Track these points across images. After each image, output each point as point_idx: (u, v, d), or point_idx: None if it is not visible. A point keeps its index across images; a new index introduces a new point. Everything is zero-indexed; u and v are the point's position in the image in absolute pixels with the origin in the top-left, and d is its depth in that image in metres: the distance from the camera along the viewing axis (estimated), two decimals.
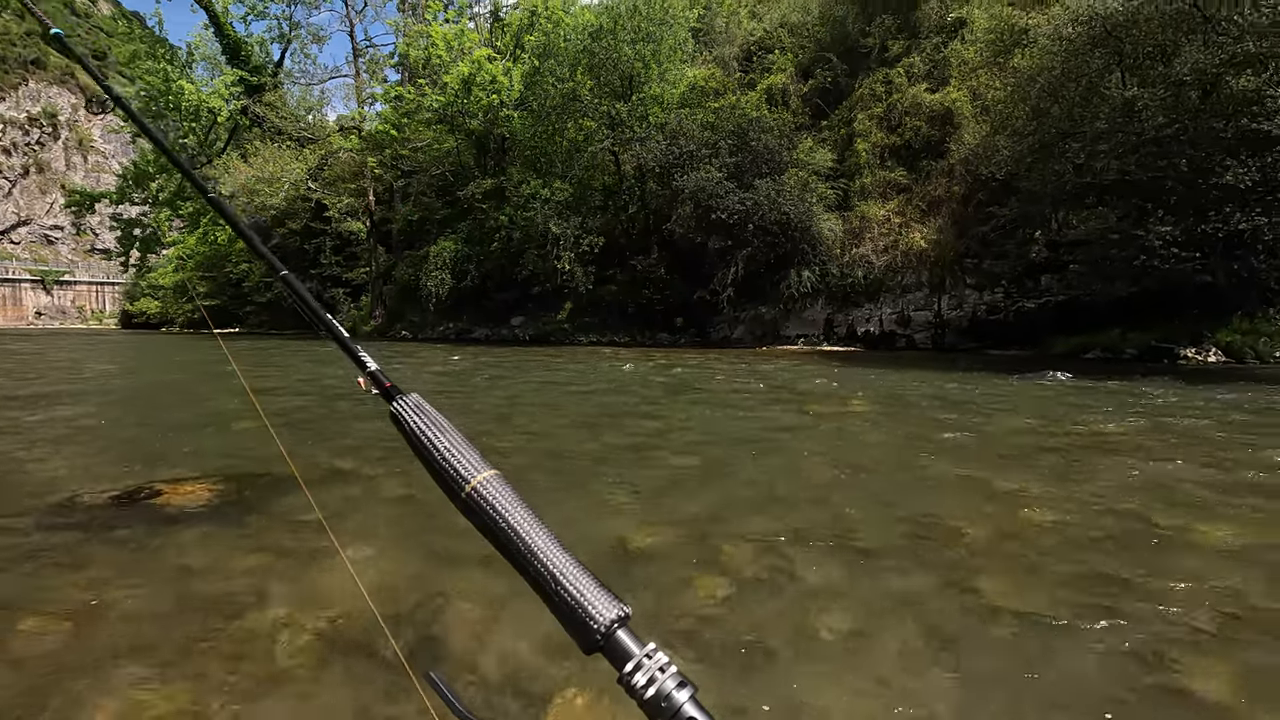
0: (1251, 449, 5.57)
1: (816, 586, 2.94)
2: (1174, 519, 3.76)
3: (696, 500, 4.22)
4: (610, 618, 0.41)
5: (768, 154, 21.68)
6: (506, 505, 0.45)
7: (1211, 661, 2.32)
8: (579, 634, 0.42)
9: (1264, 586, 2.90)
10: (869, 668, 2.27)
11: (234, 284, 42.61)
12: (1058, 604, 2.75)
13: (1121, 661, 2.32)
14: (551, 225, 24.13)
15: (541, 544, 0.43)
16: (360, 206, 34.49)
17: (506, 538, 0.43)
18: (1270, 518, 3.81)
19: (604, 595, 0.42)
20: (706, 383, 10.83)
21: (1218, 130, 12.41)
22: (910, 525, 3.70)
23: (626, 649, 0.41)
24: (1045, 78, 15.05)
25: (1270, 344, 14.32)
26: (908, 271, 20.44)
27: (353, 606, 2.65)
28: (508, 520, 0.44)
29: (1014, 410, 7.73)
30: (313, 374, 12.35)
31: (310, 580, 2.89)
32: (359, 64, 37.17)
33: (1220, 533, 3.55)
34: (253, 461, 4.98)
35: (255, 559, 3.09)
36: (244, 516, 3.67)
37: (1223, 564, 3.16)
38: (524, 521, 0.44)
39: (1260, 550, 3.34)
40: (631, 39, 23.87)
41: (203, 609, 2.60)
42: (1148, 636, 2.49)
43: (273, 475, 4.55)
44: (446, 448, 0.48)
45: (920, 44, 23.06)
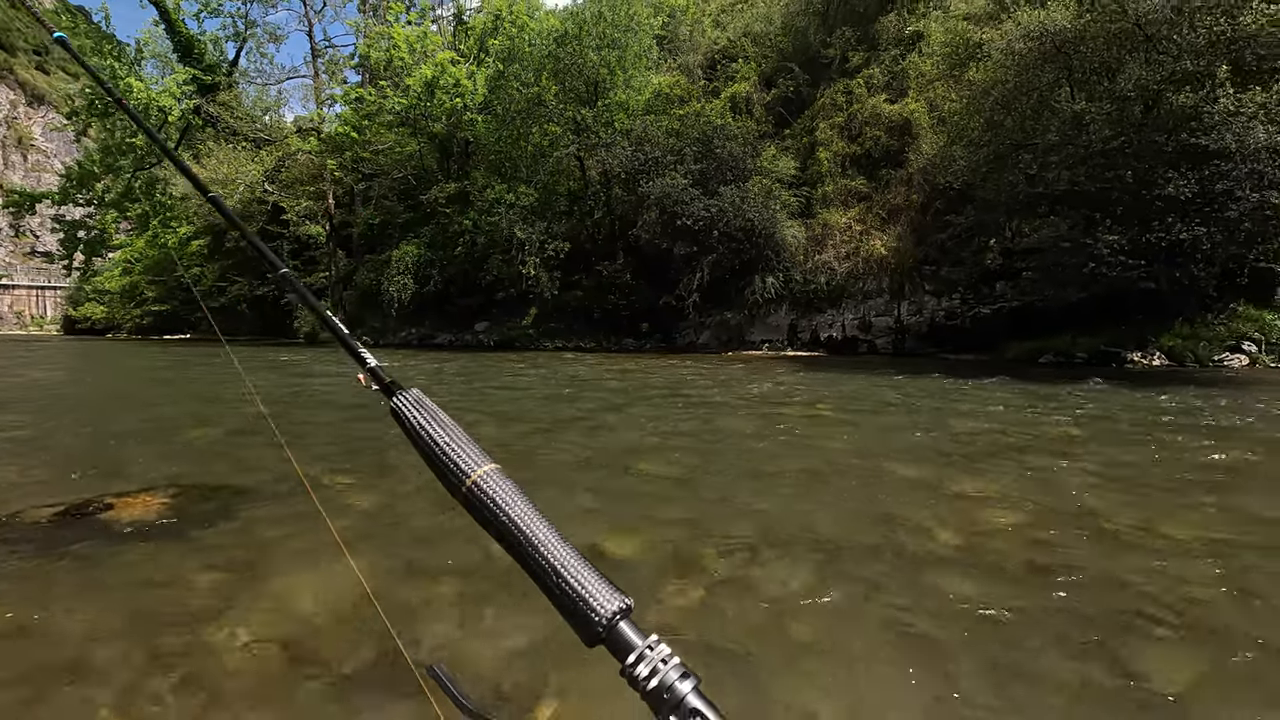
0: (1186, 448, 5.82)
1: (787, 589, 2.96)
2: (1124, 516, 3.90)
3: (666, 506, 4.21)
4: (612, 609, 0.41)
5: (732, 161, 21.92)
6: (507, 499, 0.45)
7: (1167, 652, 2.40)
8: (581, 626, 0.42)
9: (1212, 576, 3.02)
10: (839, 668, 2.28)
11: (184, 289, 41.24)
12: (1018, 599, 2.82)
13: (1081, 655, 2.38)
14: (516, 230, 23.96)
15: (542, 537, 0.44)
16: (319, 210, 33.72)
17: (507, 531, 0.44)
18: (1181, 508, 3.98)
19: (605, 587, 0.43)
20: (675, 388, 10.86)
21: (1159, 144, 12.99)
22: (876, 526, 3.76)
23: (629, 640, 0.41)
24: (999, 91, 15.55)
25: (1209, 348, 15.00)
26: (869, 278, 20.85)
27: (321, 619, 2.57)
28: (508, 514, 0.44)
29: (969, 413, 7.92)
30: (278, 381, 12.01)
31: (274, 594, 2.79)
32: (318, 64, 36.40)
33: (1165, 527, 3.68)
34: (207, 472, 4.81)
35: (214, 574, 2.97)
36: (201, 529, 3.53)
37: (1167, 556, 3.28)
38: (524, 515, 0.44)
39: (1187, 541, 3.48)
40: (597, 45, 23.91)
41: (160, 627, 2.48)
42: (1104, 629, 2.56)
43: (230, 485, 4.40)
44: (446, 442, 0.48)
45: (879, 56, 23.61)
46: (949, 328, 19.24)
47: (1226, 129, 11.84)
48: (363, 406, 8.19)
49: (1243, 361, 14.69)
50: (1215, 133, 11.97)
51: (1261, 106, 11.69)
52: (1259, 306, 15.39)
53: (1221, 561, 3.25)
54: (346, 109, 30.78)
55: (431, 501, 3.97)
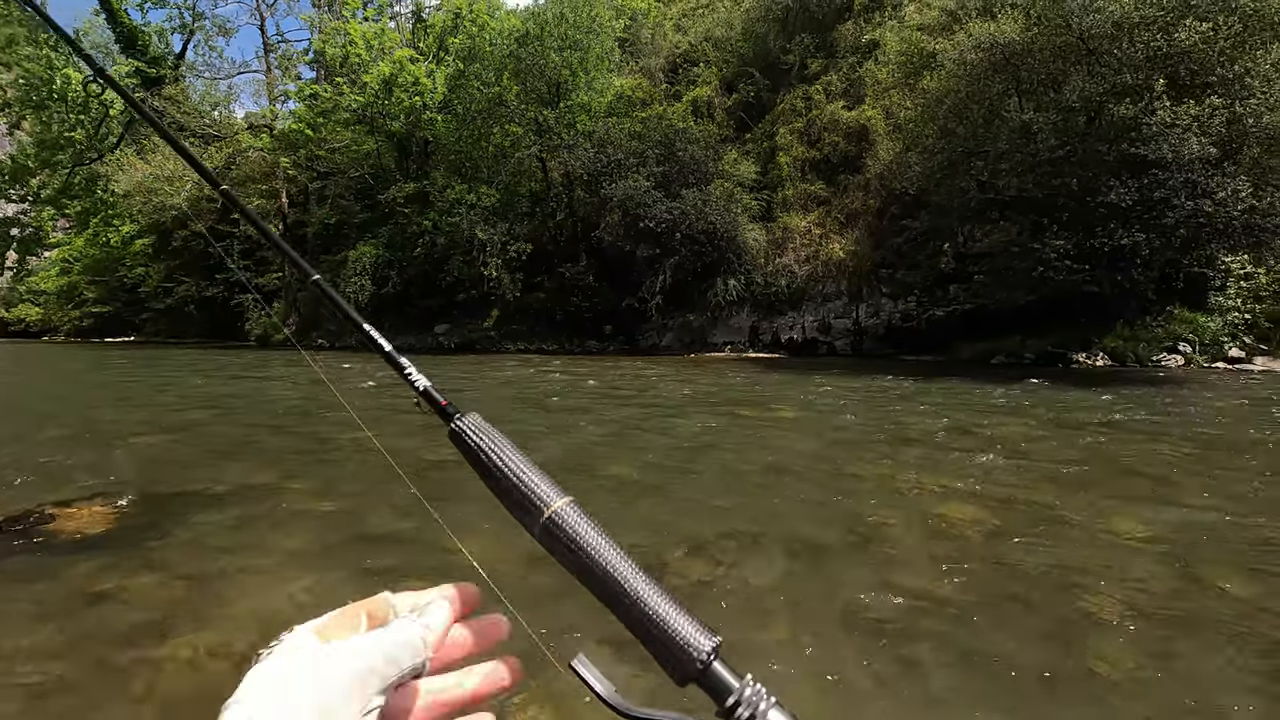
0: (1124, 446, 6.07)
1: (758, 585, 2.98)
2: (1079, 511, 4.04)
3: (635, 508, 4.21)
4: (708, 648, 0.40)
5: (694, 164, 22.06)
6: (588, 534, 0.43)
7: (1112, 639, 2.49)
8: (676, 665, 0.40)
9: (1162, 570, 3.15)
10: (811, 660, 2.31)
11: (128, 289, 39.59)
12: (977, 591, 2.90)
13: (1037, 643, 2.46)
14: (478, 231, 23.67)
15: (628, 573, 0.42)
16: (272, 208, 32.77)
17: (591, 567, 0.42)
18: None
19: (697, 625, 0.41)
20: (640, 391, 10.86)
21: (1102, 153, 13.54)
22: (839, 524, 3.82)
23: (725, 681, 0.39)
24: (951, 99, 16.01)
25: (1148, 349, 15.70)
26: (828, 281, 21.22)
27: (277, 629, 2.49)
28: (591, 549, 0.42)
29: (923, 413, 8.12)
30: (220, 388, 11.61)
31: (228, 605, 2.69)
32: (270, 60, 35.40)
33: (1112, 520, 3.84)
34: (154, 479, 4.61)
35: (165, 586, 2.85)
36: (149, 540, 3.38)
37: (1113, 547, 3.41)
38: (608, 550, 0.43)
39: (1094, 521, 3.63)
40: (559, 46, 23.80)
41: (106, 644, 2.37)
42: (1057, 618, 2.65)
43: (179, 493, 4.23)
44: (519, 472, 0.45)
45: (837, 63, 24.08)
46: (905, 329, 19.70)
47: (1163, 140, 12.41)
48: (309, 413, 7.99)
49: (1179, 361, 15.42)
50: (1153, 143, 12.52)
51: (1195, 119, 12.28)
52: (1193, 310, 16.19)
53: (1162, 550, 3.39)
54: (300, 106, 30.02)
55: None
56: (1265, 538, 3.57)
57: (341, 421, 7.34)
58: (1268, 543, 3.50)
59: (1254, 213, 12.30)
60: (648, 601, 0.41)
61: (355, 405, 8.44)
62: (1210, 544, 3.49)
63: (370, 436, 5.87)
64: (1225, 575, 3.07)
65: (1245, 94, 12.40)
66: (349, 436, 6.36)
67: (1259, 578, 3.05)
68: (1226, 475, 4.93)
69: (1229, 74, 12.58)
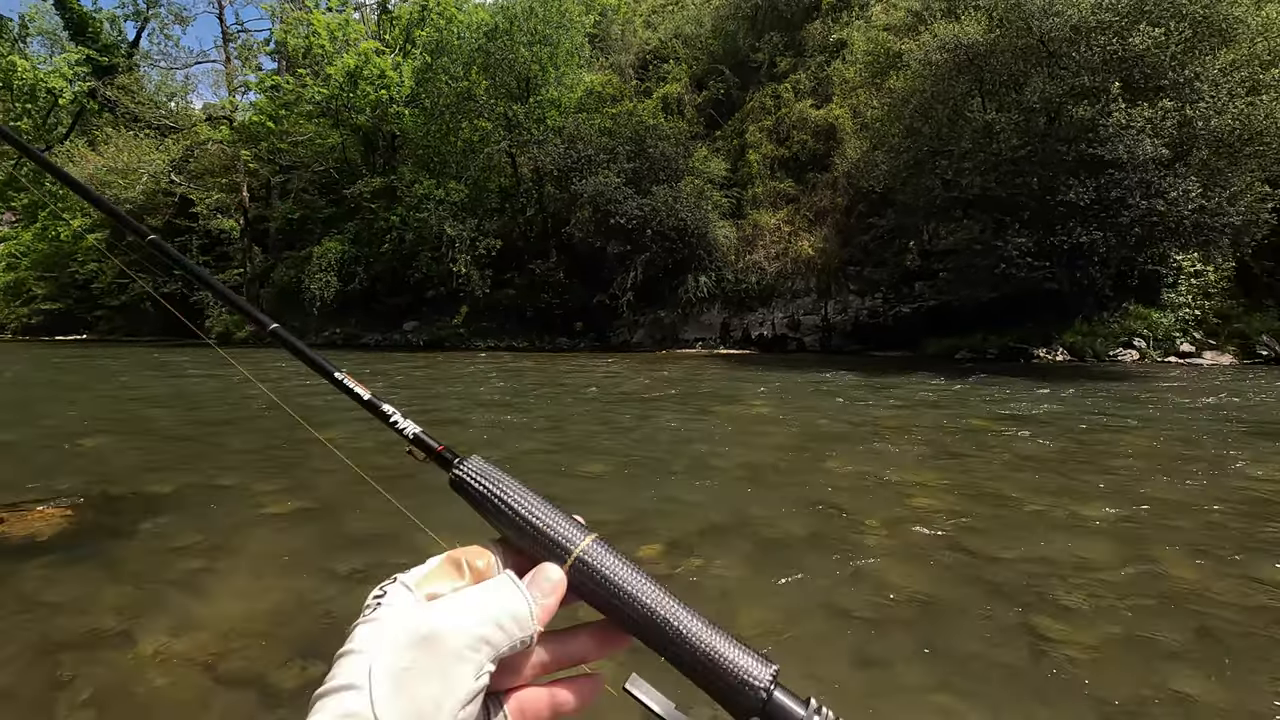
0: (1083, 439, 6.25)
1: (733, 578, 3.00)
2: (1040, 501, 4.15)
3: (609, 504, 4.20)
4: (768, 677, 0.37)
5: (664, 161, 22.07)
6: (620, 570, 0.40)
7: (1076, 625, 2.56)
8: (735, 700, 0.37)
9: (1115, 550, 3.25)
10: (786, 651, 2.33)
11: (80, 285, 38.18)
12: (943, 582, 2.95)
13: (1001, 630, 2.52)
14: (446, 227, 23.36)
15: (671, 608, 0.39)
16: (232, 203, 31.91)
17: (627, 607, 0.39)
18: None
19: (752, 654, 0.38)
20: (614, 387, 10.85)
21: (1061, 153, 13.90)
22: (812, 516, 3.86)
23: (791, 712, 0.37)
24: (917, 99, 16.27)
25: (1105, 344, 16.20)
26: (797, 278, 21.44)
27: (241, 633, 2.42)
28: (626, 588, 0.39)
29: (892, 408, 8.27)
30: (177, 387, 11.29)
31: (187, 609, 2.61)
32: (229, 49, 34.45)
33: (1084, 509, 3.95)
34: (108, 482, 4.46)
35: (122, 591, 2.76)
36: (104, 543, 3.27)
37: (1072, 534, 3.51)
38: (644, 585, 0.39)
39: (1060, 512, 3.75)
40: (528, 40, 23.59)
41: (63, 650, 2.28)
42: (1021, 605, 2.72)
43: (134, 495, 4.10)
44: (535, 514, 0.42)
45: (806, 62, 24.30)
46: (873, 326, 20.01)
47: (1119, 141, 12.79)
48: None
49: (1134, 356, 15.94)
50: (1109, 144, 12.90)
51: (1148, 121, 12.68)
52: (1147, 306, 16.74)
53: (1117, 536, 3.50)
54: (262, 97, 29.26)
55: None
56: (1211, 522, 3.71)
57: (304, 421, 7.19)
58: (1213, 527, 3.63)
59: (1203, 212, 12.74)
60: (695, 636, 0.38)
61: (317, 403, 8.28)
62: (1161, 529, 3.62)
63: (323, 440, 5.77)
64: (1176, 559, 3.18)
65: (1195, 98, 12.83)
66: (312, 436, 6.24)
67: (1207, 561, 3.16)
68: (1176, 465, 5.10)
69: (1180, 78, 13.01)
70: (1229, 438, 6.14)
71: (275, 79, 28.66)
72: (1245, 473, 4.81)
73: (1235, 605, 2.72)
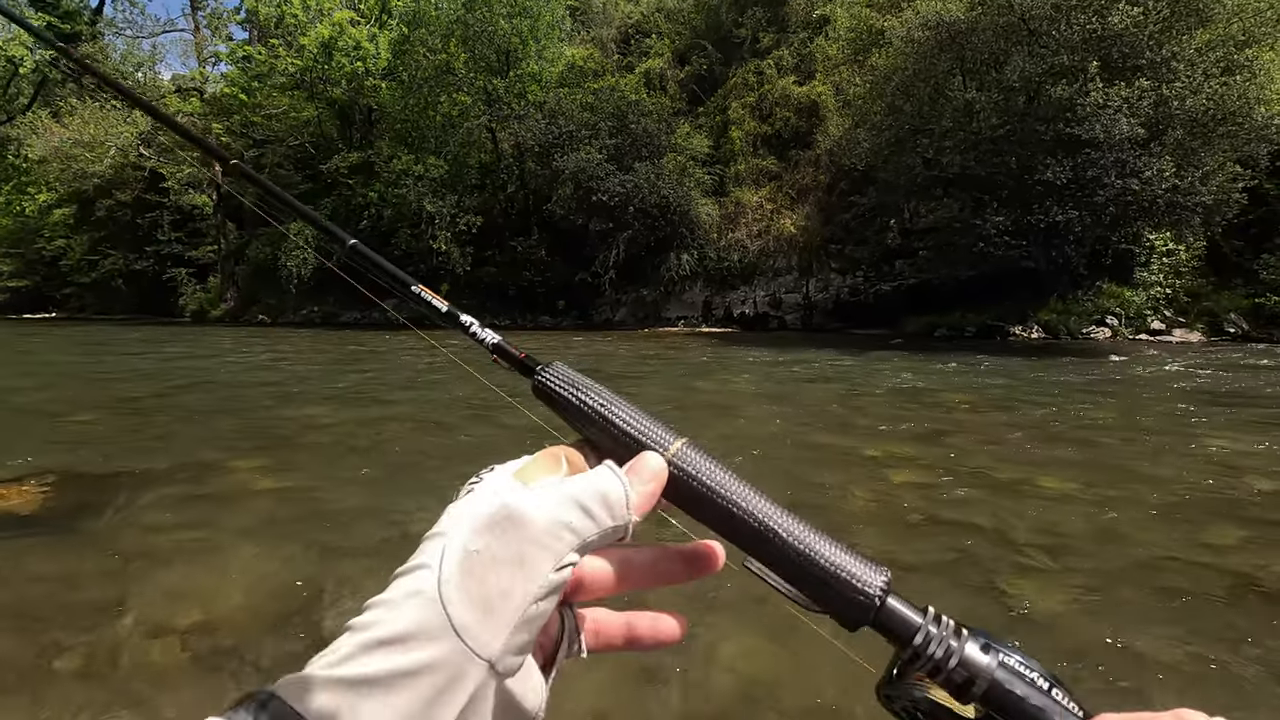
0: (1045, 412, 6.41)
1: None
2: (1013, 472, 4.27)
3: None
4: (880, 582, 0.34)
5: (647, 137, 21.90)
6: (716, 472, 0.37)
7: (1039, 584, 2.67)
8: (845, 607, 0.34)
9: (1081, 524, 3.37)
10: (765, 624, 2.41)
11: (48, 262, 37.18)
12: (929, 550, 3.05)
13: (971, 590, 2.62)
14: (426, 203, 23.05)
15: (772, 510, 0.36)
16: (205, 177, 31.14)
17: (727, 508, 0.36)
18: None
19: (863, 559, 0.35)
20: (600, 364, 10.87)
21: (1040, 133, 14.03)
22: (793, 489, 3.95)
23: (907, 619, 0.34)
24: (899, 77, 16.28)
25: (1079, 322, 16.50)
26: (779, 256, 21.51)
27: (223, 608, 2.45)
28: (724, 489, 0.36)
29: (869, 384, 8.40)
30: (155, 364, 11.12)
31: (173, 584, 2.63)
32: (198, 18, 33.40)
33: (1054, 480, 4.08)
34: (92, 459, 4.42)
35: (107, 566, 2.76)
36: (88, 519, 3.26)
37: (1039, 501, 3.64)
38: (741, 487, 0.37)
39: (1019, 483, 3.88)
40: (508, 12, 23.14)
41: (50, 624, 2.29)
42: (988, 570, 2.83)
43: (118, 472, 4.07)
44: (625, 417, 0.39)
45: (789, 38, 24.14)
46: (853, 304, 20.18)
47: (1096, 120, 12.93)
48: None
49: (1106, 334, 16.26)
50: (1086, 123, 13.04)
51: (1125, 100, 12.82)
52: (1120, 284, 17.04)
53: (1083, 505, 3.63)
54: (233, 69, 28.50)
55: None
56: (1171, 490, 3.85)
57: (284, 397, 7.14)
58: (1172, 494, 3.77)
59: (1176, 191, 12.97)
60: (800, 538, 0.36)
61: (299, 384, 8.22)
62: (1124, 498, 3.75)
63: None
64: (1137, 525, 3.31)
65: (1171, 77, 12.98)
66: (296, 413, 6.21)
67: (1167, 525, 3.29)
68: (1136, 435, 5.26)
69: (1157, 57, 13.14)
70: (1190, 411, 6.33)
71: (247, 49, 27.87)
72: (1204, 444, 4.98)
73: (1189, 566, 2.85)
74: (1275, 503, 3.66)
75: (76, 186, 31.23)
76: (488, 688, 0.29)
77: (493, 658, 0.29)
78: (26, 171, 31.80)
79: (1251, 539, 3.14)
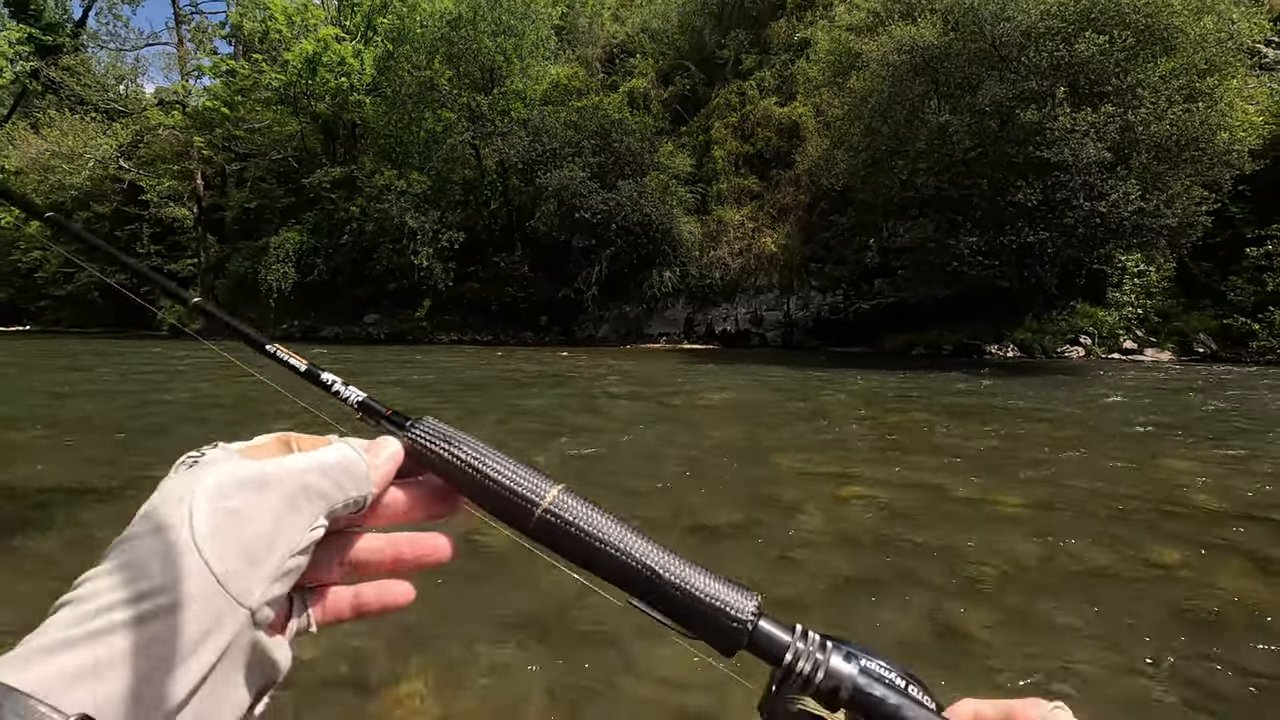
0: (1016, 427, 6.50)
1: None
2: (969, 490, 4.32)
3: None
4: (751, 608, 0.37)
5: (630, 156, 22.09)
6: (591, 517, 0.39)
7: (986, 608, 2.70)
8: (720, 635, 0.37)
9: (1037, 548, 3.41)
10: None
11: (23, 274, 36.63)
12: (874, 567, 3.08)
13: (918, 611, 2.64)
14: (408, 219, 23.03)
15: (646, 549, 0.39)
16: (185, 190, 30.94)
17: (601, 553, 0.38)
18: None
19: (733, 587, 0.38)
20: (571, 380, 10.87)
21: (1011, 155, 14.31)
22: (751, 506, 3.97)
23: (777, 639, 0.37)
24: (876, 99, 16.56)
25: (1053, 341, 16.76)
26: (760, 274, 21.69)
27: None
28: (598, 535, 0.39)
29: (841, 402, 8.47)
30: (121, 381, 10.97)
31: None
32: (182, 31, 33.35)
33: (1008, 498, 4.13)
34: (30, 474, 4.35)
35: (48, 587, 2.71)
36: (27, 537, 3.21)
37: (991, 521, 3.68)
38: (616, 529, 0.39)
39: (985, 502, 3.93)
40: (492, 31, 23.34)
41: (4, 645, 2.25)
42: (937, 591, 2.86)
43: (59, 488, 4.01)
44: (498, 470, 0.40)
45: (771, 59, 24.53)
46: (833, 322, 20.36)
47: (1064, 144, 13.22)
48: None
49: (1080, 353, 16.53)
50: (1055, 147, 13.32)
51: (1092, 125, 13.13)
52: (1093, 304, 17.36)
53: (1032, 523, 3.68)
54: (216, 82, 28.41)
55: None
56: (1121, 509, 3.91)
57: (261, 414, 7.08)
58: (1123, 515, 3.84)
59: (1142, 214, 13.26)
60: (676, 573, 0.38)
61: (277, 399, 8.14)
62: (1076, 515, 3.81)
63: None
64: (1084, 545, 3.36)
65: (1136, 104, 13.33)
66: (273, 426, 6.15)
67: (1110, 545, 3.35)
68: (1095, 455, 5.35)
69: (1123, 84, 13.49)
70: (1153, 431, 6.45)
71: (230, 64, 27.86)
72: (1162, 464, 5.07)
73: (1129, 584, 2.89)
74: (1215, 519, 3.74)
75: (54, 198, 30.85)
76: (244, 637, 0.29)
77: (253, 607, 0.29)
78: (3, 183, 31.41)
79: (1189, 560, 3.19)
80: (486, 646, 2.29)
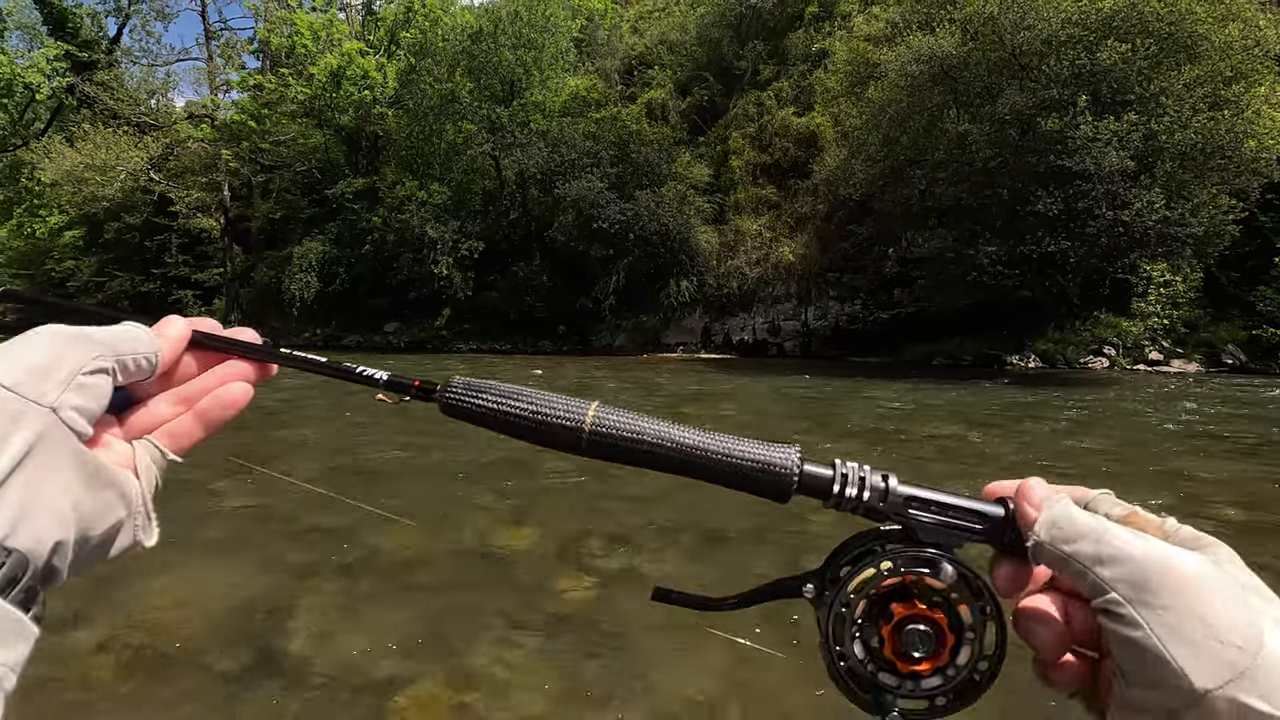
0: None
1: (673, 572, 3.10)
2: None
3: (566, 501, 4.28)
4: (795, 458, 0.42)
5: (648, 166, 22.21)
6: (632, 423, 0.44)
7: None
8: (775, 487, 0.43)
9: None
10: (717, 643, 2.43)
11: (57, 283, 37.62)
12: None
13: None
14: (428, 229, 23.35)
15: (689, 435, 0.44)
16: (213, 202, 31.63)
17: (652, 449, 0.43)
18: None
19: (773, 447, 0.43)
20: (594, 389, 10.92)
21: (1031, 164, 14.18)
22: (758, 516, 3.97)
23: (822, 477, 0.42)
24: (894, 109, 16.53)
25: (1076, 351, 16.51)
26: (777, 283, 21.65)
27: (183, 620, 2.48)
28: (643, 435, 0.43)
29: (856, 410, 8.42)
30: None
31: (126, 598, 2.67)
32: (212, 47, 34.20)
33: None
34: None
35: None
36: None
37: None
38: (657, 427, 0.44)
39: None
40: (513, 44, 23.68)
41: None
42: None
43: None
44: (536, 407, 0.44)
45: (789, 70, 24.58)
46: (851, 332, 20.24)
47: (1086, 153, 13.08)
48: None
49: (1104, 364, 16.26)
50: (1077, 156, 13.18)
51: (1114, 134, 12.98)
52: (1117, 314, 17.08)
53: None
54: (244, 96, 29.13)
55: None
56: None
57: (262, 424, 7.21)
58: None
59: (1167, 223, 13.06)
60: (720, 449, 0.43)
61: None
62: None
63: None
64: None
65: (1160, 112, 13.15)
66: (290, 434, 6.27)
67: None
68: (1121, 467, 5.27)
69: (1146, 93, 13.34)
70: (1180, 443, 6.34)
71: (258, 78, 28.54)
72: (1184, 473, 4.98)
73: None
74: (1240, 531, 3.68)
75: (87, 209, 31.72)
76: (55, 430, 0.32)
77: (52, 404, 0.32)
78: (39, 194, 32.35)
79: None
80: (499, 648, 2.32)
